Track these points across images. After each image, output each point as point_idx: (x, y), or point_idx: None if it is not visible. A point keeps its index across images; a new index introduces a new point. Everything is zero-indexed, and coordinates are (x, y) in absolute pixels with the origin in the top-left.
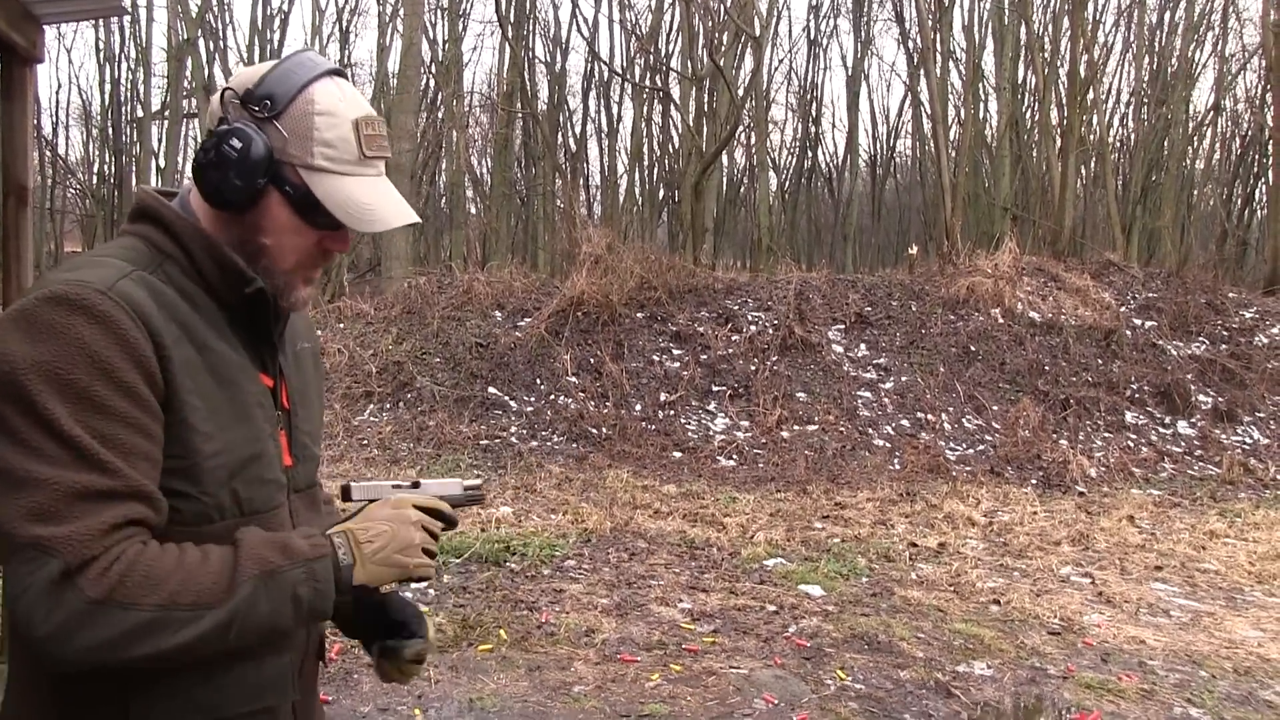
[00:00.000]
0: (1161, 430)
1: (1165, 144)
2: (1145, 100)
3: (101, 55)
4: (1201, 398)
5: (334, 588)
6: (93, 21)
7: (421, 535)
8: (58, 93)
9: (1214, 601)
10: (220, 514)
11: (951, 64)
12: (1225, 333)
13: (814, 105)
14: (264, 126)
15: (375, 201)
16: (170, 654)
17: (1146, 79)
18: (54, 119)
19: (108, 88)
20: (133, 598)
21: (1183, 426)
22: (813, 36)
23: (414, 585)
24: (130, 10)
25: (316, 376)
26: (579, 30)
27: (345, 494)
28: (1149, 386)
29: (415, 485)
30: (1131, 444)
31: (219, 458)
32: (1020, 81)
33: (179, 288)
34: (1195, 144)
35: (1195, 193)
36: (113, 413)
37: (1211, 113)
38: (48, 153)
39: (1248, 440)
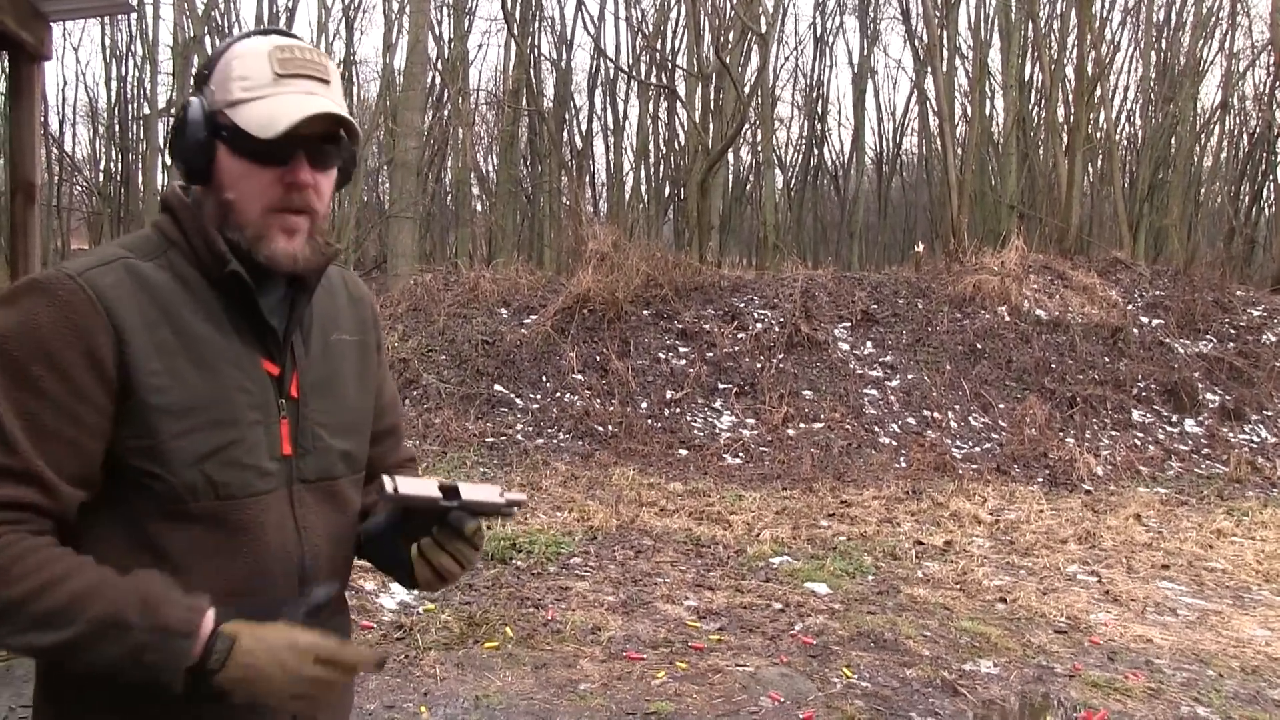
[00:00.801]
0: (1168, 428)
1: (1172, 141)
2: (1152, 97)
3: (108, 52)
4: (1209, 396)
5: (183, 668)
6: (100, 19)
7: (300, 691)
8: (64, 90)
9: (1221, 600)
10: (193, 495)
11: (958, 61)
12: (1233, 331)
13: (820, 103)
14: (202, 90)
15: (286, 107)
16: (20, 650)
17: (1154, 76)
18: (61, 116)
19: (114, 85)
20: None
21: (1190, 425)
22: (819, 34)
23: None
24: (137, 7)
25: (361, 369)
26: (585, 27)
27: (381, 490)
28: (1156, 384)
29: (454, 490)
30: (1138, 442)
31: (184, 439)
32: (1027, 79)
33: (178, 274)
34: (1203, 141)
35: (1203, 190)
36: (43, 393)
37: (1219, 109)
38: (54, 150)
39: (1255, 438)
